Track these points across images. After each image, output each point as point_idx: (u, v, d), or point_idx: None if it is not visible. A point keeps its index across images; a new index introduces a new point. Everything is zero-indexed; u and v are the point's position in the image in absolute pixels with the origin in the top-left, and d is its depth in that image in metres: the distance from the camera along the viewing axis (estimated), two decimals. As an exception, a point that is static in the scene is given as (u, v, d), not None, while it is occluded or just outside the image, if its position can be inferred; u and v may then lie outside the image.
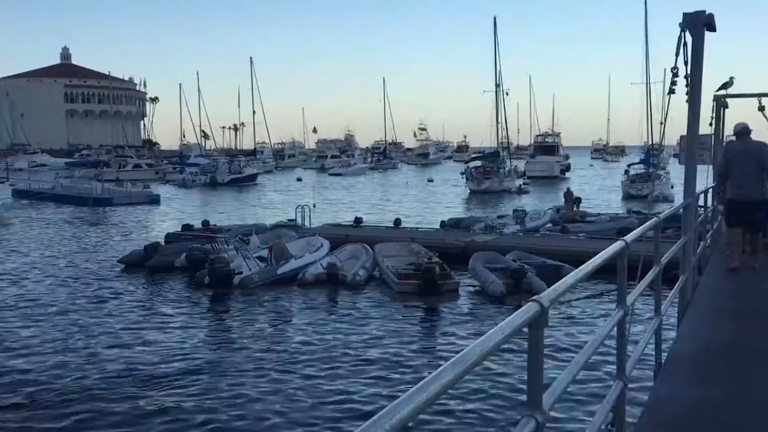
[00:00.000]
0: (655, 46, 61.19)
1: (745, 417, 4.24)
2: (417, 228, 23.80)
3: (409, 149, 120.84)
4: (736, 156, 9.13)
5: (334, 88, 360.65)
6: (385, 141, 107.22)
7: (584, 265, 3.15)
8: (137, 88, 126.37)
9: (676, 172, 33.86)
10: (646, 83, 56.65)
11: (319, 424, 8.44)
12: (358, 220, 24.93)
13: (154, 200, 41.17)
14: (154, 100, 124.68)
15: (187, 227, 23.99)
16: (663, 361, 5.37)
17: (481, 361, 1.91)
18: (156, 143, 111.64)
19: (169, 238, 22.26)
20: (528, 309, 2.28)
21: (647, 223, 5.13)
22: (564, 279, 2.88)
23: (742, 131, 9.24)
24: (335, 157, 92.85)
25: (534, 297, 2.38)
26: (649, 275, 5.01)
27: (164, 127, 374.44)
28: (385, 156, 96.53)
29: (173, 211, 36.71)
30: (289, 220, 25.08)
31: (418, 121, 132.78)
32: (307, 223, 23.65)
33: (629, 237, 4.15)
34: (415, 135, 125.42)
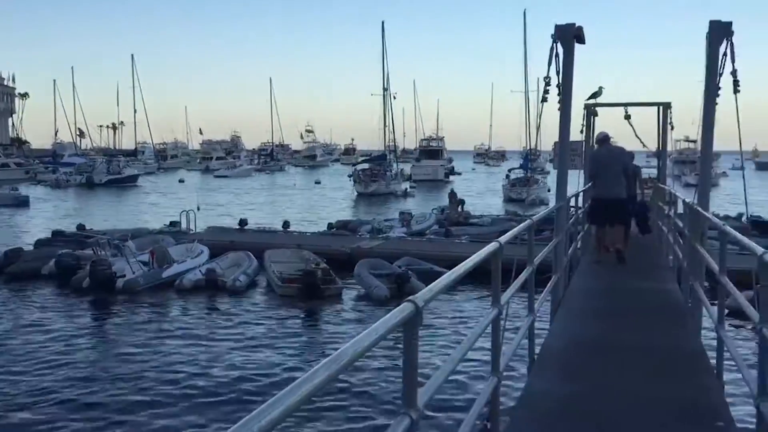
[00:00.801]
0: (533, 55, 63.92)
1: (612, 410, 4.50)
2: (305, 233, 23.62)
3: (296, 151, 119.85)
4: (604, 160, 10.38)
5: (220, 87, 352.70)
6: (272, 142, 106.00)
7: (458, 266, 3.26)
8: (5, 83, 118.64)
9: (555, 176, 35.40)
10: (525, 91, 59.17)
11: (194, 427, 8.30)
12: (243, 222, 24.50)
13: (23, 202, 38.82)
14: (24, 96, 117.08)
15: (58, 234, 22.47)
16: (536, 357, 5.61)
17: (355, 361, 1.94)
18: (26, 141, 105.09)
19: (40, 244, 20.90)
20: (403, 309, 2.33)
21: (521, 226, 5.35)
22: (439, 280, 2.97)
23: (604, 139, 10.71)
24: (220, 158, 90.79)
25: (409, 297, 2.44)
26: (523, 275, 5.22)
27: (36, 125, 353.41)
28: (272, 158, 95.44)
29: (44, 214, 34.74)
30: (172, 223, 24.16)
31: (305, 122, 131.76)
32: (192, 227, 22.92)
33: (503, 239, 4.31)
34: (302, 137, 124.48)
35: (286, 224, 24.50)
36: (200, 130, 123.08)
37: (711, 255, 6.18)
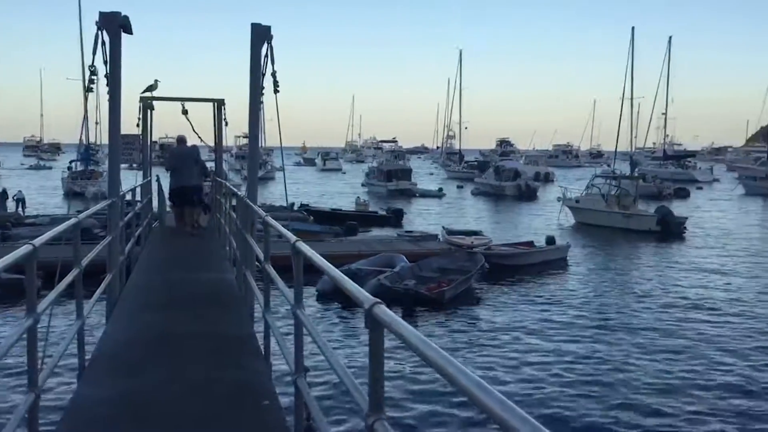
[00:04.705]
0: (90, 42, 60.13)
1: (166, 402, 4.47)
2: None
3: None
4: (180, 156, 13.40)
5: None
6: None
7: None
8: None
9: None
10: (83, 79, 55.61)
11: None
12: None
13: None
14: None
15: None
16: (87, 362, 5.28)
17: None
18: None
19: None
20: None
21: (64, 224, 4.97)
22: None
23: (182, 140, 13.85)
24: None
25: None
26: (68, 278, 4.85)
27: None
28: None
29: None
30: None
31: None
32: None
33: (39, 240, 3.94)
34: None
35: None
36: None
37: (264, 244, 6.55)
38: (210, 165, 18.20)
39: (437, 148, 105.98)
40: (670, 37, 59.94)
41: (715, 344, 12.10)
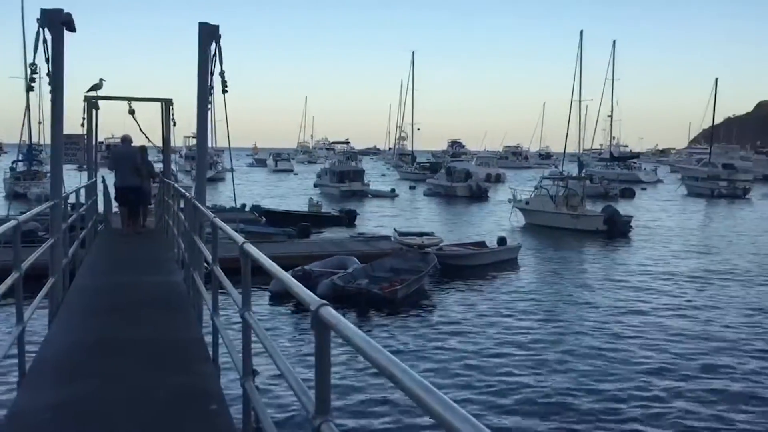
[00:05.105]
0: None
1: (110, 407, 4.37)
2: None
3: None
4: (121, 155, 13.58)
5: None
6: None
7: None
8: None
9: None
10: (25, 77, 54.13)
11: None
12: None
13: None
14: None
15: None
16: (27, 369, 5.14)
17: None
18: None
19: None
20: None
21: (3, 227, 4.82)
22: None
23: (125, 139, 13.93)
24: None
25: None
26: (8, 282, 4.71)
27: None
28: None
29: None
30: None
31: None
32: None
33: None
34: None
35: None
36: None
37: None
38: (159, 166, 17.92)
39: (389, 149, 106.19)
40: (614, 41, 61.42)
41: (655, 339, 12.41)
